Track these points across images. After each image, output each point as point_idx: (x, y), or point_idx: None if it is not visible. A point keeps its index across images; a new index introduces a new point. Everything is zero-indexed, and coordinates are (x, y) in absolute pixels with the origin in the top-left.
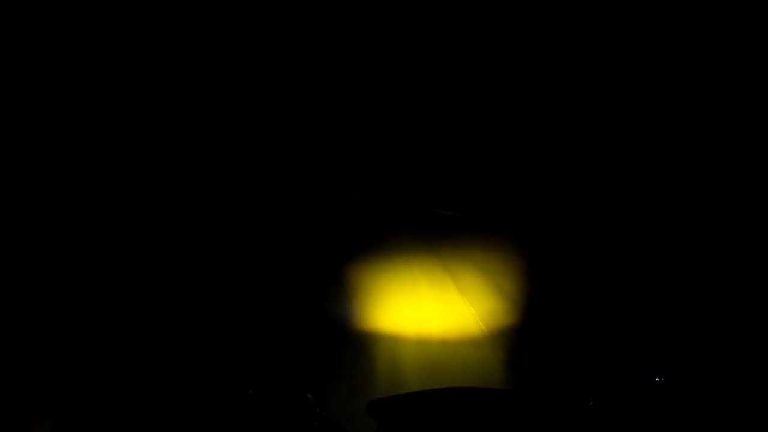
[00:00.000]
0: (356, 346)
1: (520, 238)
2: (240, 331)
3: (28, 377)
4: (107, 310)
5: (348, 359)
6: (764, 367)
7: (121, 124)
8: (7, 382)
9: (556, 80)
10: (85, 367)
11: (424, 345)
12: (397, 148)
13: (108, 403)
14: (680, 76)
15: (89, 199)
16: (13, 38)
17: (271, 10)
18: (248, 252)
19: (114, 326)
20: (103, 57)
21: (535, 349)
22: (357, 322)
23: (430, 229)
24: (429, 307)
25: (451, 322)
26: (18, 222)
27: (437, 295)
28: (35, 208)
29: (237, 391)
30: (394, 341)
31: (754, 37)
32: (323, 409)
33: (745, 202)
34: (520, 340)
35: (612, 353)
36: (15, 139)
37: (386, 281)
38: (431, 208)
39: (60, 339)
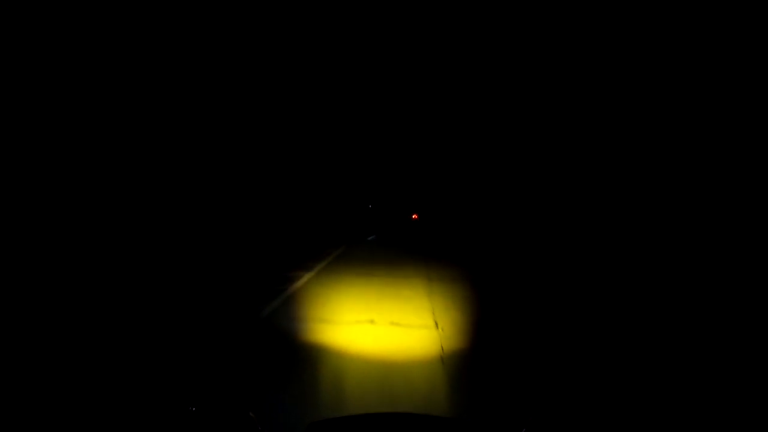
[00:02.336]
0: (302, 363)
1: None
2: (182, 346)
3: None
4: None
5: (294, 376)
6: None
7: (121, 124)
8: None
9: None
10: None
11: (371, 364)
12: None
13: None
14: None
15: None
16: (13, 38)
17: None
18: (191, 262)
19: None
20: (103, 57)
21: (482, 372)
22: (304, 339)
23: (377, 242)
24: (379, 326)
25: (400, 342)
26: (18, 222)
27: (388, 313)
28: (35, 208)
29: (180, 409)
30: (341, 359)
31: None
32: (266, 427)
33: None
34: (468, 363)
35: (549, 383)
36: (15, 139)
37: (336, 296)
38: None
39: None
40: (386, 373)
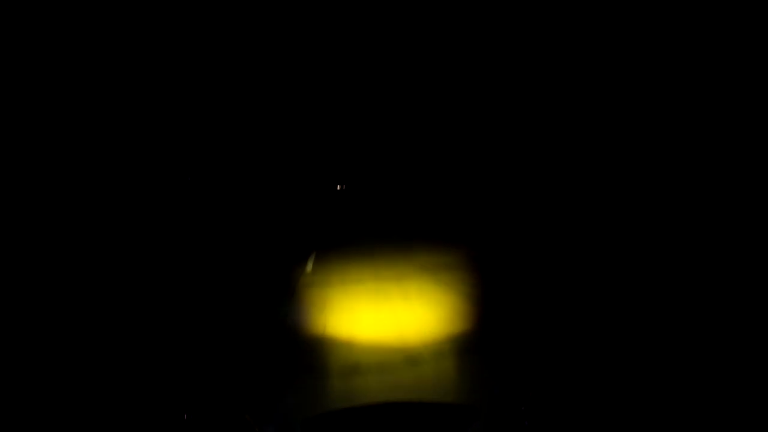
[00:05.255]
0: (308, 354)
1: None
2: (175, 346)
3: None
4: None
5: (299, 368)
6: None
7: (121, 124)
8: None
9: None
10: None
11: (377, 351)
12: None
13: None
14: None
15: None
16: (13, 38)
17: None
18: (190, 256)
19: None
20: (103, 57)
21: (488, 354)
22: (308, 330)
23: (383, 237)
24: (384, 314)
25: (406, 328)
26: (18, 222)
27: (392, 301)
28: (35, 208)
29: (173, 417)
30: (348, 348)
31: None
32: (263, 428)
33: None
34: (473, 344)
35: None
36: (15, 139)
37: (341, 289)
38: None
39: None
40: None
